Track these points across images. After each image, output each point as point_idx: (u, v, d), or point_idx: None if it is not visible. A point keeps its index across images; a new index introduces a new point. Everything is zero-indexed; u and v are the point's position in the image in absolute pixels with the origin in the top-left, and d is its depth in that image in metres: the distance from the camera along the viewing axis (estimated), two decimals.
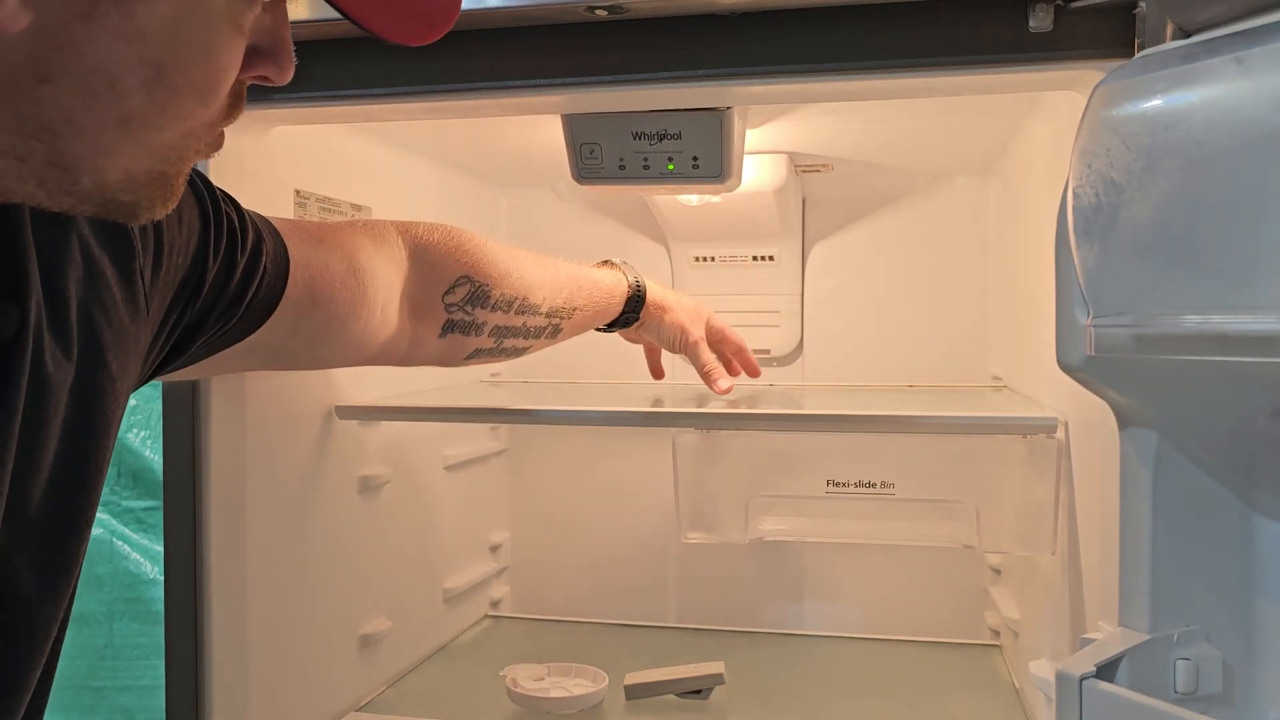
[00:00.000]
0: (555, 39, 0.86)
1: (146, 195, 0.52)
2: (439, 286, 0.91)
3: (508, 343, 0.98)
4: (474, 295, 0.93)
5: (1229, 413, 0.66)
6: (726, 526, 1.14)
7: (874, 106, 1.07)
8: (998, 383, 1.42)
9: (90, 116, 0.47)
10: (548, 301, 0.99)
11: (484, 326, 0.95)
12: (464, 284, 0.92)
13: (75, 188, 0.49)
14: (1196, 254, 0.59)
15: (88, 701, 1.48)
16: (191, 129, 0.52)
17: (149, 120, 0.49)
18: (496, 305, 0.94)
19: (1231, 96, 0.58)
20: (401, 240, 0.90)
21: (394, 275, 0.88)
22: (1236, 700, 0.67)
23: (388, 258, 0.88)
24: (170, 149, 0.51)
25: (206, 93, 0.51)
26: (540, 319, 0.99)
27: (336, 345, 0.85)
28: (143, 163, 0.50)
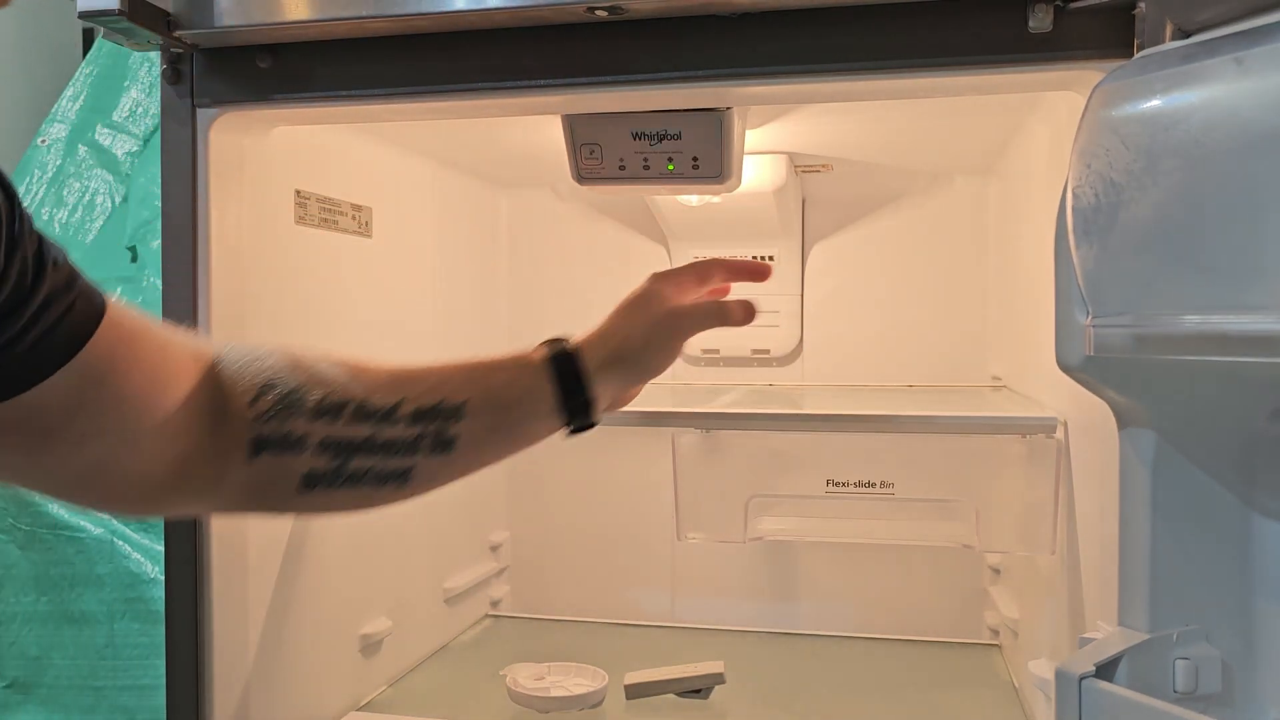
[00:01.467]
0: (555, 39, 0.86)
1: None
2: (245, 395, 0.71)
3: (357, 463, 0.72)
4: (286, 400, 0.71)
5: (1229, 413, 0.66)
6: (726, 526, 1.14)
7: (874, 107, 1.08)
8: (997, 383, 1.42)
9: None
10: (410, 403, 0.73)
11: (306, 441, 0.71)
12: (272, 389, 0.71)
13: None
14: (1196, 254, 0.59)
15: (88, 701, 1.48)
16: None
17: None
18: (322, 411, 0.71)
19: (1231, 97, 0.58)
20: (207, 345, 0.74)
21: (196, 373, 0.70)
22: (1236, 700, 0.67)
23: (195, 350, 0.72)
24: None
25: None
26: (400, 428, 0.72)
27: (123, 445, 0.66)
28: None
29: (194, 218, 0.94)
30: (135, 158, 1.66)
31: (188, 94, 0.93)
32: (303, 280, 1.10)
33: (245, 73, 0.92)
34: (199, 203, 0.94)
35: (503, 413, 0.75)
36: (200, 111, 0.93)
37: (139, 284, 1.51)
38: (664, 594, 1.57)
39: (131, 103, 1.70)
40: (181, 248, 0.95)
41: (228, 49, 0.91)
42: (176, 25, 0.87)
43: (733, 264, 0.90)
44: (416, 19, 0.84)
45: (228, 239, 0.97)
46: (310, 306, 1.11)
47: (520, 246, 1.63)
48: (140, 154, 1.66)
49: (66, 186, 1.65)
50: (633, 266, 1.58)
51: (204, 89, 0.93)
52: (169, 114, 0.94)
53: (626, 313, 0.81)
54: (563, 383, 0.76)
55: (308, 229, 1.10)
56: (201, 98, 0.93)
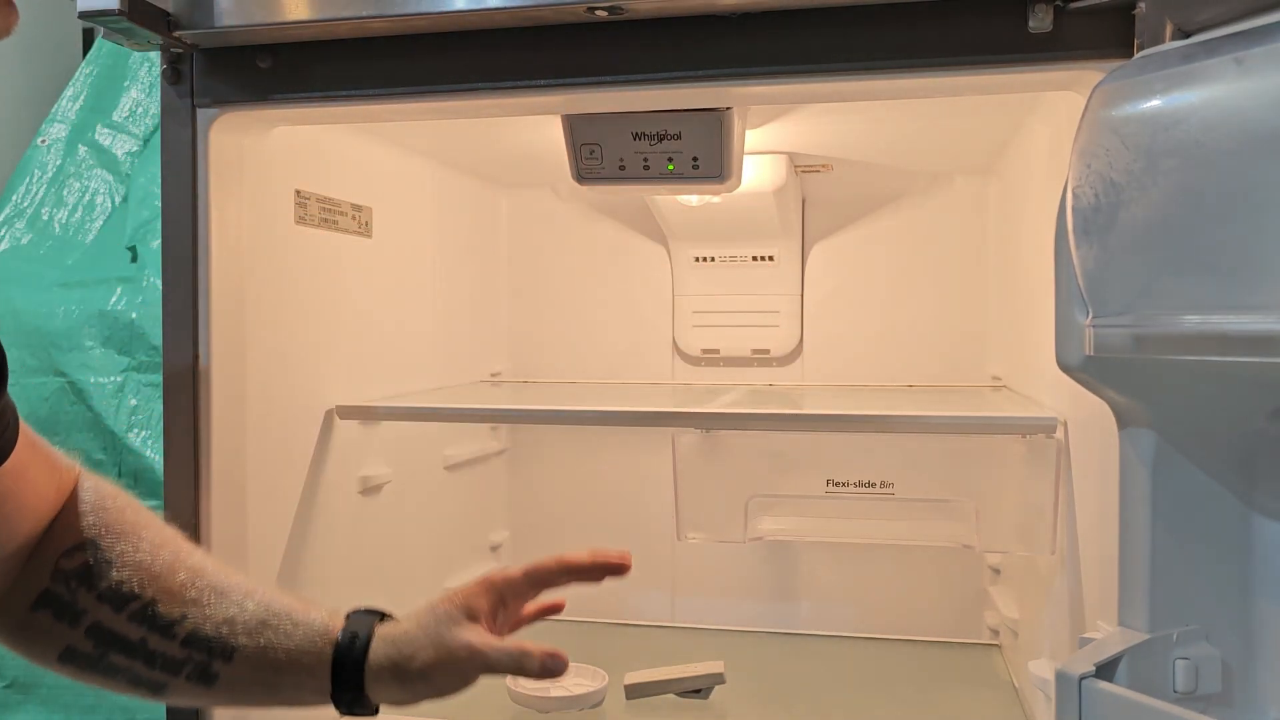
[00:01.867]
0: (555, 39, 0.86)
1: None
2: (63, 542, 0.69)
3: (117, 659, 0.69)
4: (88, 569, 0.68)
5: (1228, 413, 0.66)
6: (726, 526, 1.14)
7: (874, 107, 1.08)
8: (997, 383, 1.42)
9: None
10: (191, 624, 0.68)
11: (82, 618, 0.68)
12: (85, 550, 0.68)
13: None
14: (1196, 254, 0.60)
15: (89, 701, 1.48)
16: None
17: None
18: (108, 594, 0.68)
19: (1230, 96, 0.58)
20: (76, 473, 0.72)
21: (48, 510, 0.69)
22: (1235, 699, 0.67)
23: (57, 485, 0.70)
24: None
25: None
26: (171, 645, 0.68)
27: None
28: None
29: (194, 218, 0.94)
30: (135, 158, 1.66)
31: (188, 94, 0.93)
32: (303, 280, 1.10)
33: (245, 73, 0.92)
34: (199, 203, 0.94)
35: (271, 673, 0.70)
36: (200, 111, 0.93)
37: (139, 284, 1.51)
38: (664, 594, 1.57)
39: (131, 103, 1.70)
40: (181, 248, 0.95)
41: (228, 49, 0.91)
42: (176, 25, 0.87)
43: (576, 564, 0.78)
44: (416, 19, 0.84)
45: (228, 239, 0.97)
46: (310, 306, 1.11)
47: (520, 246, 1.63)
48: (140, 154, 1.66)
49: (66, 186, 1.65)
50: (633, 266, 1.59)
51: (204, 89, 0.93)
52: (169, 114, 0.94)
53: (429, 626, 0.75)
54: (339, 672, 0.70)
55: (308, 229, 1.10)
56: (201, 98, 0.93)
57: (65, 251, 1.58)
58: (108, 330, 1.49)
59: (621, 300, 1.59)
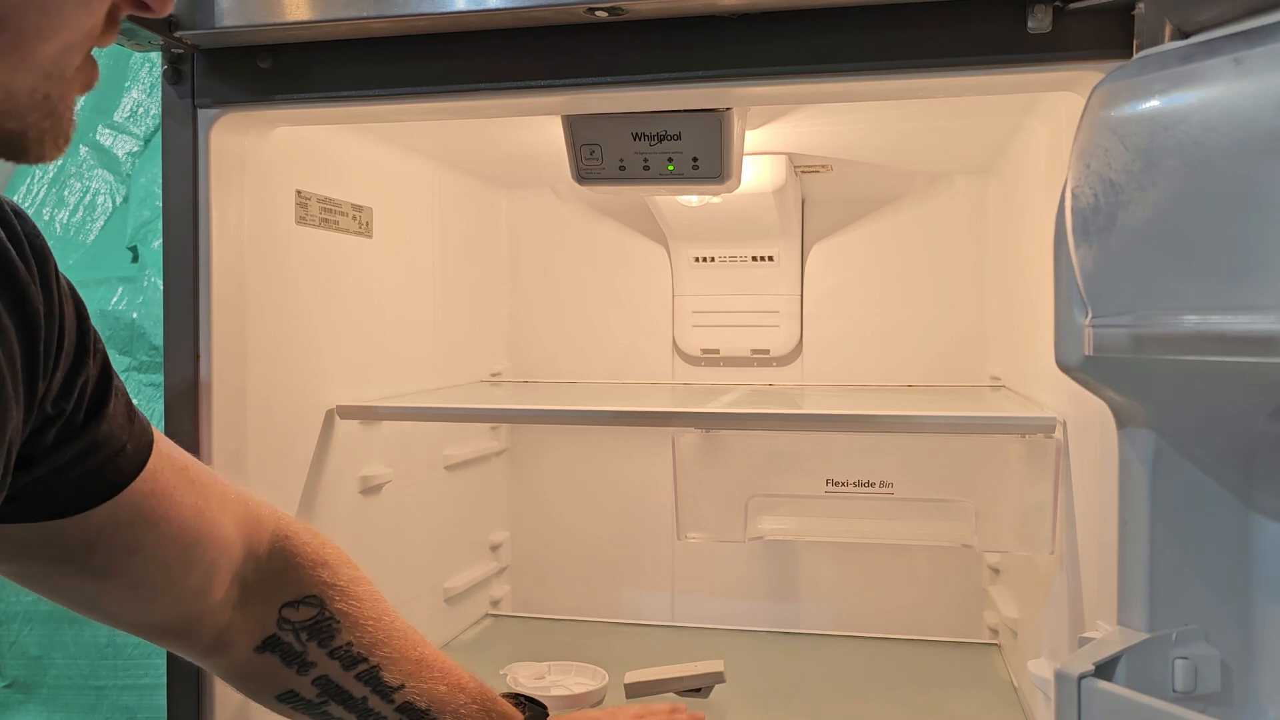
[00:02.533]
0: (555, 40, 0.86)
1: (34, 125, 0.48)
2: (285, 592, 0.74)
3: (333, 710, 0.76)
4: (318, 624, 0.74)
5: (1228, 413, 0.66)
6: (726, 526, 1.14)
7: (874, 107, 1.08)
8: (996, 383, 1.42)
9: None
10: (409, 693, 0.76)
11: (311, 669, 0.74)
12: (314, 604, 0.74)
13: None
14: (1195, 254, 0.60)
15: (89, 700, 1.48)
16: (71, 41, 0.48)
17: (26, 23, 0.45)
18: (339, 653, 0.74)
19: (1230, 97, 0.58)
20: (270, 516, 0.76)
21: (237, 543, 0.72)
22: (1235, 699, 0.67)
23: (242, 520, 0.73)
24: (51, 63, 0.47)
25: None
26: (386, 707, 0.76)
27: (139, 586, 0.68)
28: (22, 78, 0.47)
29: (195, 218, 0.94)
30: (136, 158, 1.66)
31: (188, 94, 0.93)
32: (303, 280, 1.10)
33: (246, 73, 0.92)
34: (200, 203, 0.94)
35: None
36: (201, 112, 0.94)
37: (139, 284, 1.51)
38: (664, 594, 1.57)
39: (132, 103, 1.70)
40: (182, 248, 0.95)
41: (228, 49, 0.91)
42: (177, 26, 0.87)
43: None
44: (417, 19, 0.84)
45: (228, 239, 0.97)
46: (310, 307, 1.11)
47: (520, 246, 1.63)
48: (141, 154, 1.66)
49: (67, 186, 1.65)
50: (633, 266, 1.59)
51: (205, 89, 0.93)
52: (170, 114, 0.94)
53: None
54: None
55: (308, 229, 1.10)
56: (202, 98, 0.93)
57: (66, 252, 1.58)
58: (109, 330, 1.49)
59: (621, 300, 1.59)
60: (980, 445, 1.09)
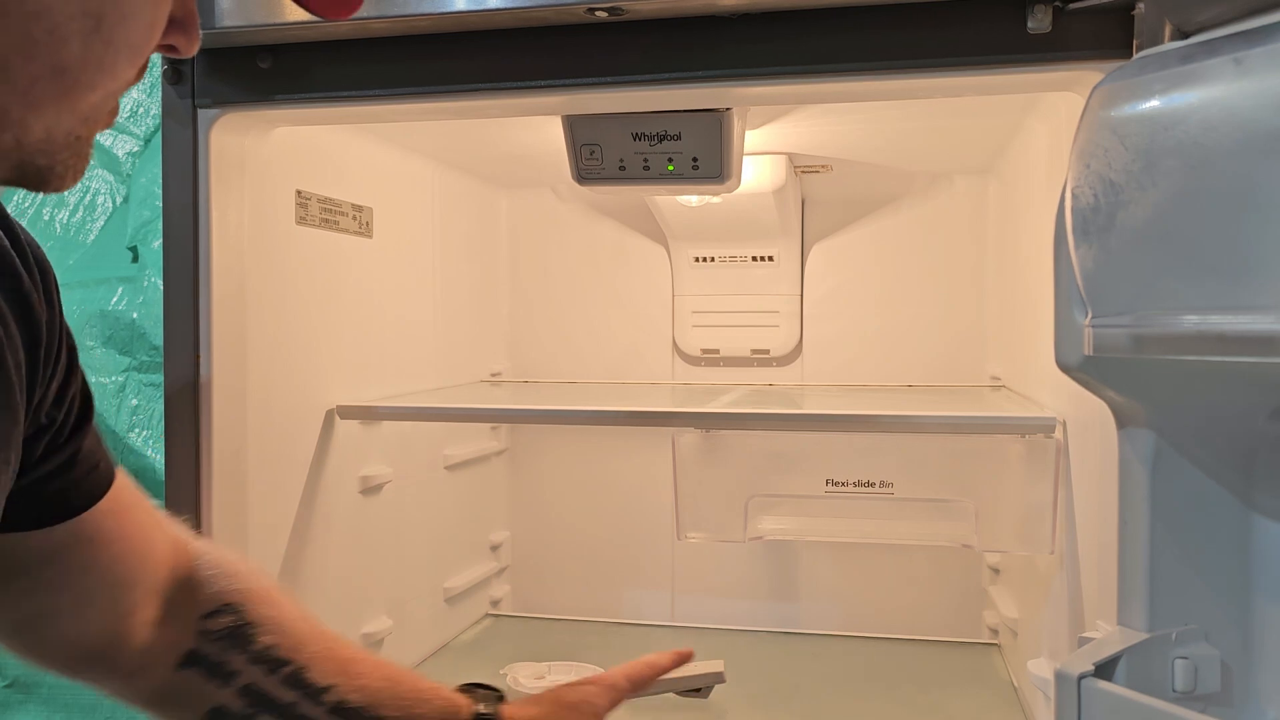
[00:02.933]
0: (555, 40, 0.86)
1: (61, 161, 0.51)
2: (203, 605, 0.72)
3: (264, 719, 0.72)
4: (237, 631, 0.72)
5: (1228, 413, 0.66)
6: (726, 526, 1.14)
7: (873, 107, 1.08)
8: (996, 383, 1.42)
9: (25, 65, 0.45)
10: (340, 693, 0.73)
11: (234, 678, 0.71)
12: (231, 611, 0.72)
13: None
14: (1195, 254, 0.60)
15: (89, 700, 1.48)
16: (113, 90, 0.50)
17: (82, 75, 0.47)
18: (261, 657, 0.72)
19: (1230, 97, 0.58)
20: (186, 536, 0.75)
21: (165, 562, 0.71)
22: (1234, 699, 0.67)
23: (169, 540, 0.72)
24: (92, 110, 0.50)
25: (136, 51, 0.50)
26: (317, 709, 0.72)
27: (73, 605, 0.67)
28: (65, 121, 0.49)
29: (195, 218, 0.94)
30: (136, 158, 1.66)
31: (189, 94, 0.94)
32: (303, 280, 1.10)
33: (246, 73, 0.92)
34: (200, 203, 0.94)
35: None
36: (201, 112, 0.94)
37: (139, 284, 1.51)
38: (664, 594, 1.57)
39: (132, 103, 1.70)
40: (182, 248, 0.95)
41: (228, 49, 0.91)
42: None
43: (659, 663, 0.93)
44: (417, 19, 0.84)
45: (228, 239, 0.97)
46: (310, 307, 1.11)
47: (520, 246, 1.63)
48: (141, 154, 1.66)
49: None
50: (633, 266, 1.59)
51: (205, 89, 0.93)
52: (170, 114, 0.94)
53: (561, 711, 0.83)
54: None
55: (308, 229, 1.10)
56: (202, 98, 0.93)
57: (66, 251, 1.58)
58: (109, 330, 1.49)
59: (621, 300, 1.59)
60: (980, 445, 1.09)
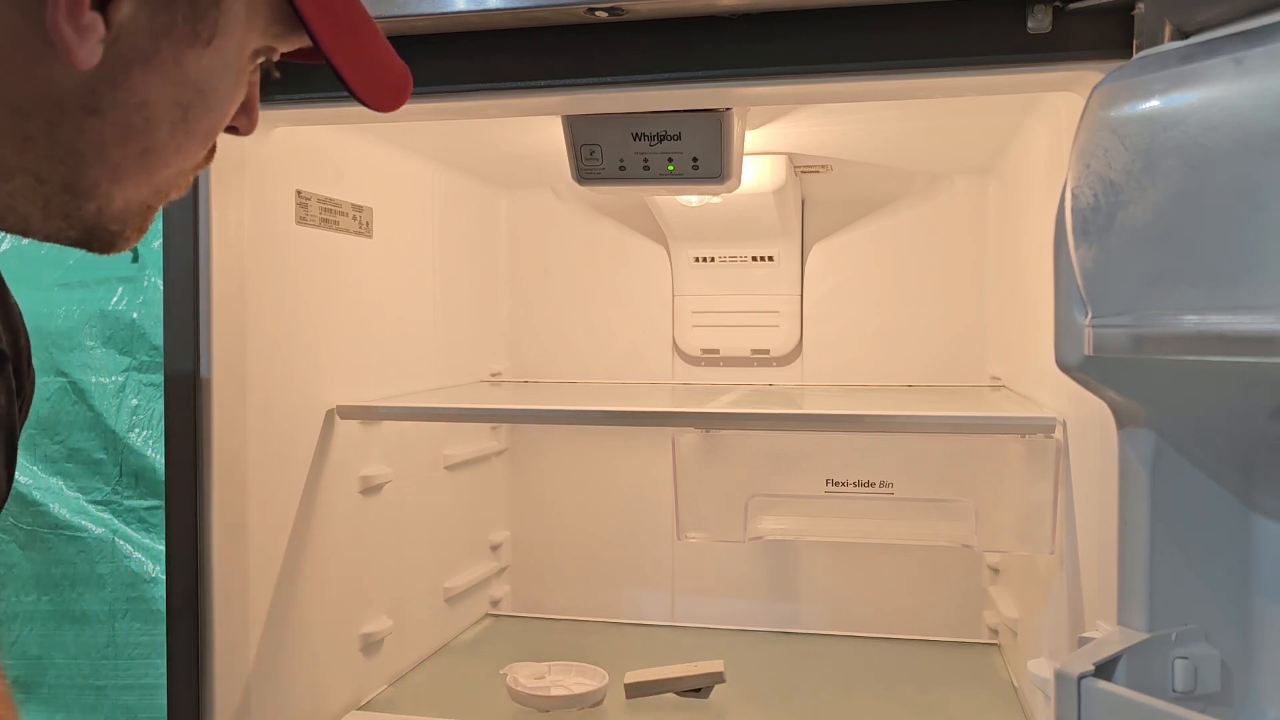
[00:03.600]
0: (555, 40, 0.86)
1: (131, 226, 0.55)
2: None
3: None
4: None
5: (1228, 413, 0.66)
6: (726, 526, 1.14)
7: (873, 107, 1.08)
8: (996, 383, 1.42)
9: (120, 149, 0.50)
10: None
11: None
12: None
13: (77, 213, 0.52)
14: (1195, 254, 0.60)
15: (89, 700, 1.48)
16: (186, 168, 0.56)
17: (165, 156, 0.53)
18: None
19: (1230, 97, 0.58)
20: None
21: None
22: (1234, 699, 0.67)
23: None
24: (166, 184, 0.55)
25: (211, 135, 0.55)
26: None
27: None
28: (142, 194, 0.54)
29: (195, 218, 0.94)
30: None
31: None
32: (303, 280, 1.10)
33: None
34: (200, 203, 0.94)
35: None
36: None
37: (139, 284, 1.51)
38: (664, 594, 1.57)
39: None
40: (182, 248, 0.95)
41: None
42: None
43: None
44: (417, 19, 0.84)
45: (229, 239, 0.97)
46: (310, 307, 1.11)
47: (520, 246, 1.63)
48: None
49: None
50: (633, 266, 1.59)
51: None
52: None
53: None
54: None
55: (308, 229, 1.10)
56: None
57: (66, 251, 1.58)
58: (109, 330, 1.49)
59: (621, 300, 1.59)
60: (980, 445, 1.09)
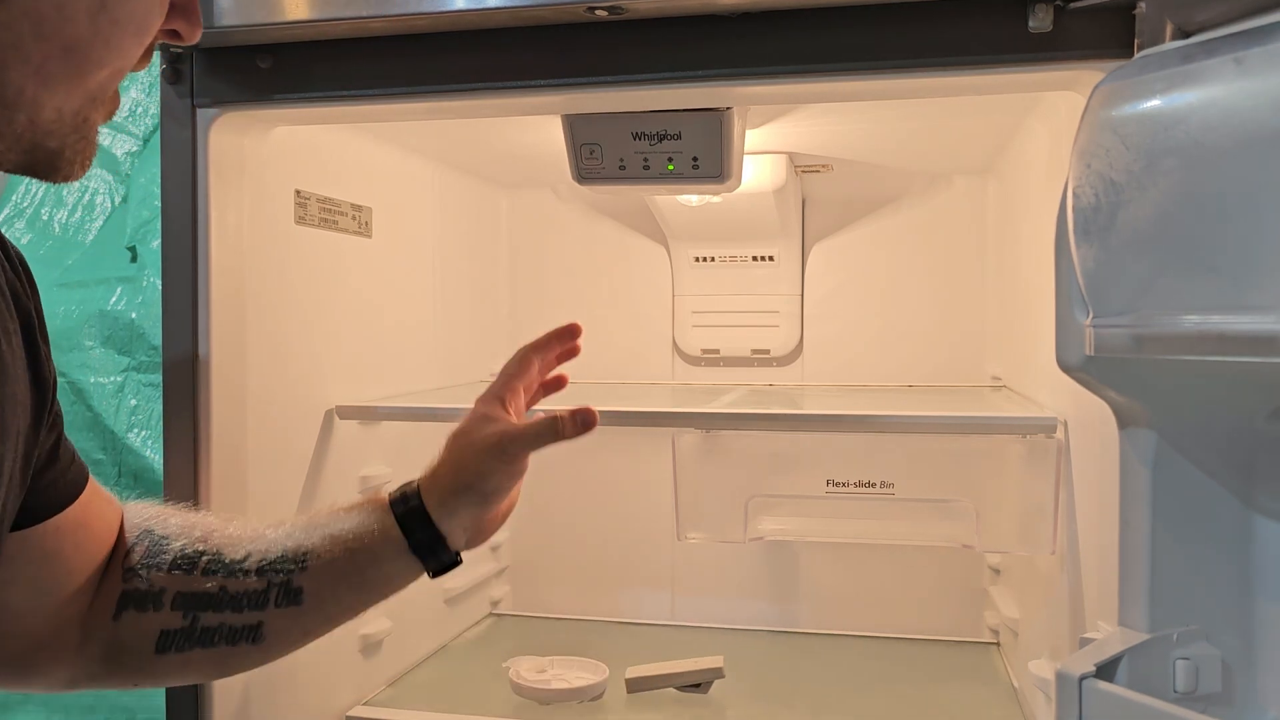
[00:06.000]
0: (555, 39, 0.86)
1: (70, 144, 0.53)
2: (122, 549, 0.72)
3: (208, 619, 0.70)
4: (152, 551, 0.71)
5: (1228, 413, 0.66)
6: (726, 526, 1.14)
7: (874, 107, 1.08)
8: (997, 383, 1.42)
9: (37, 44, 0.48)
10: (258, 555, 0.71)
11: (163, 596, 0.70)
12: (144, 538, 0.72)
13: (8, 128, 0.50)
14: (1196, 254, 0.60)
15: (89, 700, 1.48)
16: (120, 68, 0.53)
17: (91, 52, 0.50)
18: (177, 563, 0.71)
19: (1230, 97, 0.58)
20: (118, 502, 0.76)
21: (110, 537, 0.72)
22: (1236, 700, 0.67)
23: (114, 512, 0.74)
24: (99, 88, 0.52)
25: (142, 29, 0.52)
26: (251, 580, 0.70)
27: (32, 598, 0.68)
28: (74, 100, 0.51)
29: (194, 218, 0.94)
30: (135, 158, 1.66)
31: (187, 94, 0.93)
32: (303, 280, 1.10)
33: (245, 73, 0.92)
34: (199, 203, 0.94)
35: (347, 558, 0.72)
36: (200, 112, 0.93)
37: (139, 284, 1.51)
38: (664, 594, 1.57)
39: (131, 103, 1.70)
40: (181, 248, 0.95)
41: (228, 49, 0.91)
42: None
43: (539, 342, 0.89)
44: (416, 19, 0.84)
45: (228, 239, 0.97)
46: (310, 307, 1.11)
47: (520, 246, 1.63)
48: (140, 154, 1.66)
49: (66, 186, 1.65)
50: (633, 266, 1.59)
51: (204, 89, 0.93)
52: (169, 114, 0.94)
53: (456, 443, 0.80)
54: (405, 521, 0.73)
55: (308, 229, 1.10)
56: (201, 98, 0.93)
57: (65, 251, 1.58)
58: (108, 330, 1.49)
59: (621, 300, 1.59)
60: (981, 445, 1.09)
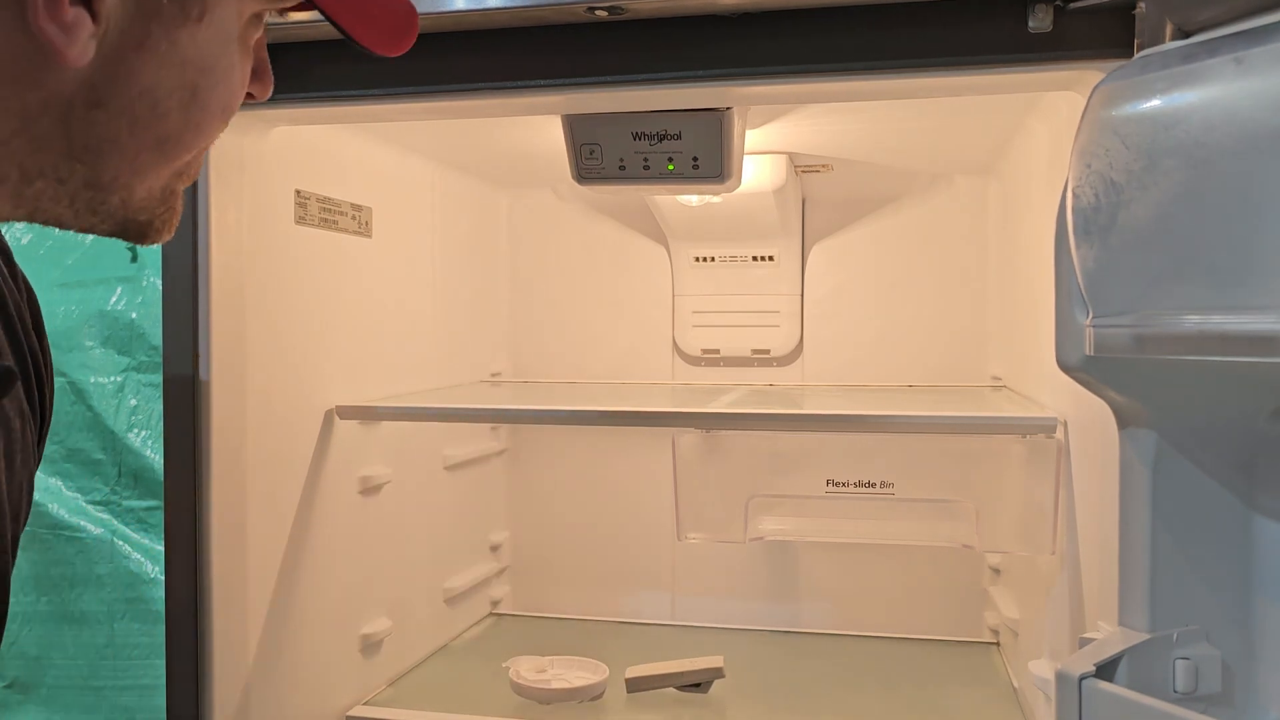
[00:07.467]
0: (555, 39, 0.86)
1: (159, 215, 0.56)
2: None
3: None
4: None
5: (1229, 413, 0.66)
6: (726, 526, 1.14)
7: (874, 107, 1.07)
8: (997, 383, 1.42)
9: (132, 138, 0.51)
10: None
11: None
12: None
13: (103, 207, 0.52)
14: (1196, 254, 0.60)
15: (89, 701, 1.48)
16: (205, 148, 0.56)
17: (182, 140, 0.53)
18: None
19: (1231, 96, 0.58)
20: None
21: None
22: (1236, 700, 0.67)
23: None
24: (185, 166, 0.55)
25: (228, 110, 0.55)
26: None
27: None
28: (163, 179, 0.54)
29: (194, 218, 0.94)
30: None
31: None
32: (303, 280, 1.10)
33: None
34: (199, 203, 0.94)
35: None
36: None
37: (139, 284, 1.51)
38: (664, 594, 1.57)
39: None
40: (181, 248, 0.95)
41: None
42: None
43: None
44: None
45: (228, 239, 0.97)
46: (310, 306, 1.11)
47: (520, 246, 1.63)
48: None
49: None
50: (633, 266, 1.59)
51: None
52: None
53: None
54: None
55: (308, 229, 1.10)
56: None
57: (65, 251, 1.58)
58: (107, 330, 1.49)
59: (621, 300, 1.59)
60: (981, 445, 1.09)
